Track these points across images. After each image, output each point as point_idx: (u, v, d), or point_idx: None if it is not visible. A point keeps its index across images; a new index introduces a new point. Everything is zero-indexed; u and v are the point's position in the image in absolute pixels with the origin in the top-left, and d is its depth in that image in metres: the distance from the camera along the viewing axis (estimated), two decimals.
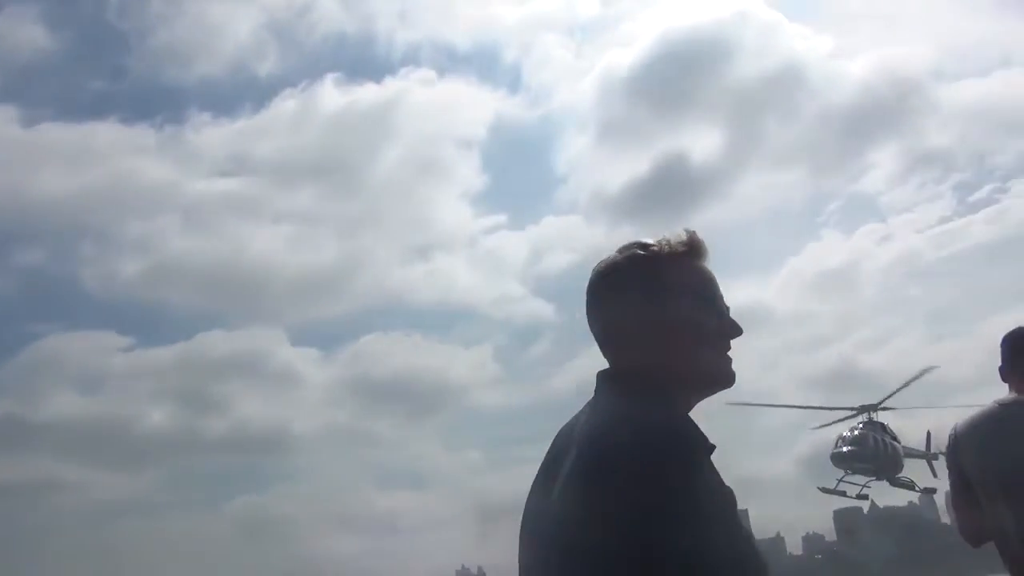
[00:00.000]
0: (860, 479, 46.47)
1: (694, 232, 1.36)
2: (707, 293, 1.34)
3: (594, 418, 1.26)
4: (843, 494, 52.72)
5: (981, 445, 2.56)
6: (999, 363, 2.68)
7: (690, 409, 1.31)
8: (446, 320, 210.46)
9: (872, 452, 44.64)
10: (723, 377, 1.34)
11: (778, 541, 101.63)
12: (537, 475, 1.32)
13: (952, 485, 2.65)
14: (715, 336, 1.33)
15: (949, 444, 2.64)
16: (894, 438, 46.88)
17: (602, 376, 1.34)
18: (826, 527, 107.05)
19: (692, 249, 1.35)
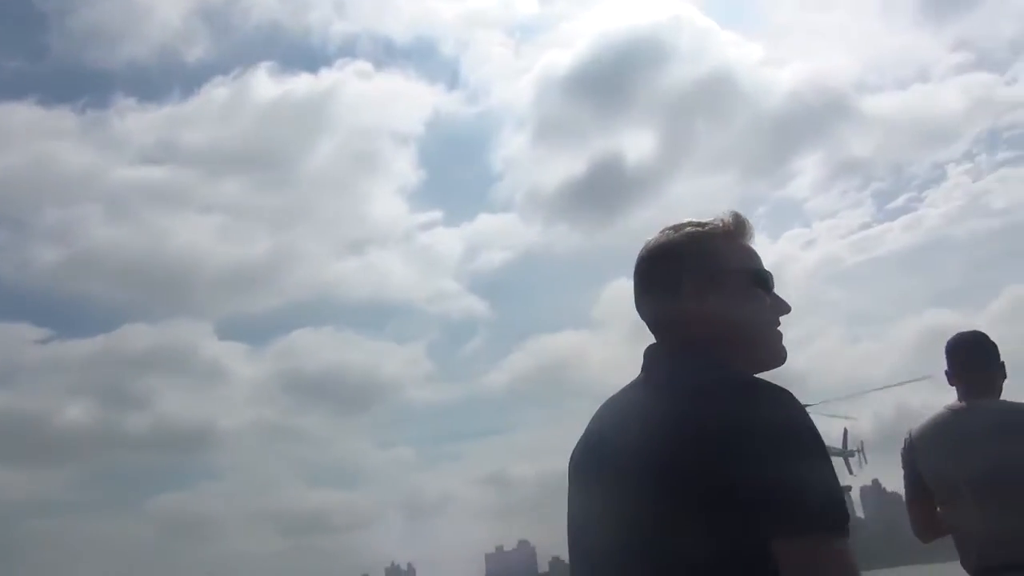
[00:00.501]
0: None
1: (739, 212, 1.36)
2: (760, 270, 1.35)
3: (681, 383, 1.23)
4: None
5: (936, 450, 2.71)
6: (944, 368, 2.82)
7: None
8: (379, 316, 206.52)
9: None
10: (778, 353, 1.34)
11: None
12: (582, 455, 1.33)
13: (907, 486, 2.83)
14: (770, 312, 1.34)
15: (904, 448, 2.81)
16: None
17: (659, 351, 1.33)
18: None
19: (741, 228, 1.36)
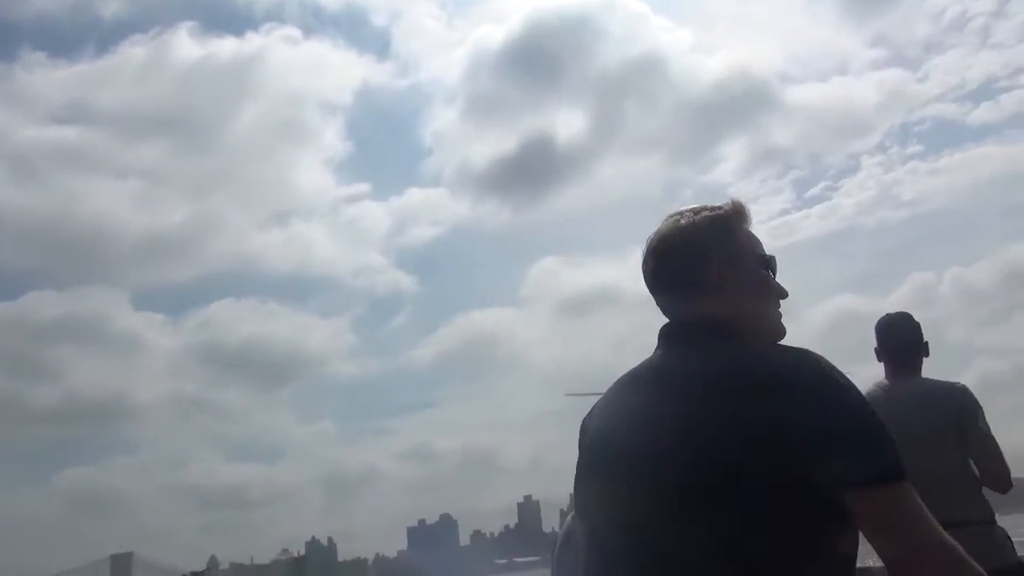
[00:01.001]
0: None
1: (739, 200, 1.47)
2: (767, 254, 1.46)
3: (714, 355, 1.32)
4: None
5: None
6: (875, 346, 3.07)
7: None
8: (303, 289, 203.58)
9: None
10: (782, 330, 1.44)
11: None
12: (630, 434, 1.34)
13: None
14: (776, 293, 1.45)
15: None
16: None
17: (677, 328, 1.41)
18: None
19: (747, 214, 1.46)
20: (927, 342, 3.05)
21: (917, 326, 3.06)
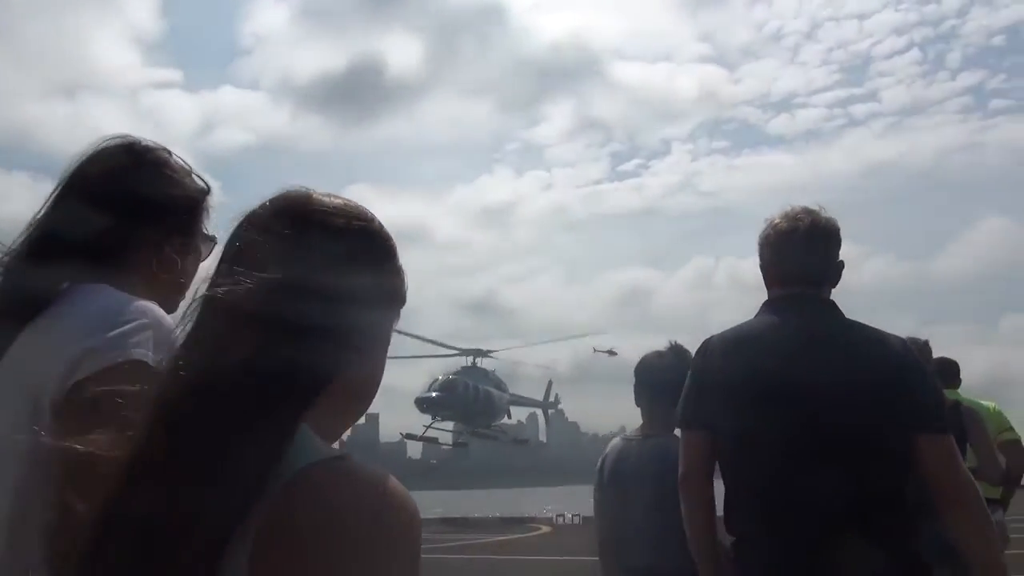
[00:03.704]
0: (449, 426, 46.23)
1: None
2: None
3: (870, 329, 2.06)
4: (434, 441, 51.69)
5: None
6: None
7: None
8: None
9: (461, 400, 44.82)
10: None
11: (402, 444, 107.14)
12: (774, 377, 1.96)
13: None
14: None
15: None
16: (497, 386, 48.18)
17: (820, 302, 2.10)
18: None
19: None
20: None
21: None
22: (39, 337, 1.12)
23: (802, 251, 2.09)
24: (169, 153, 1.35)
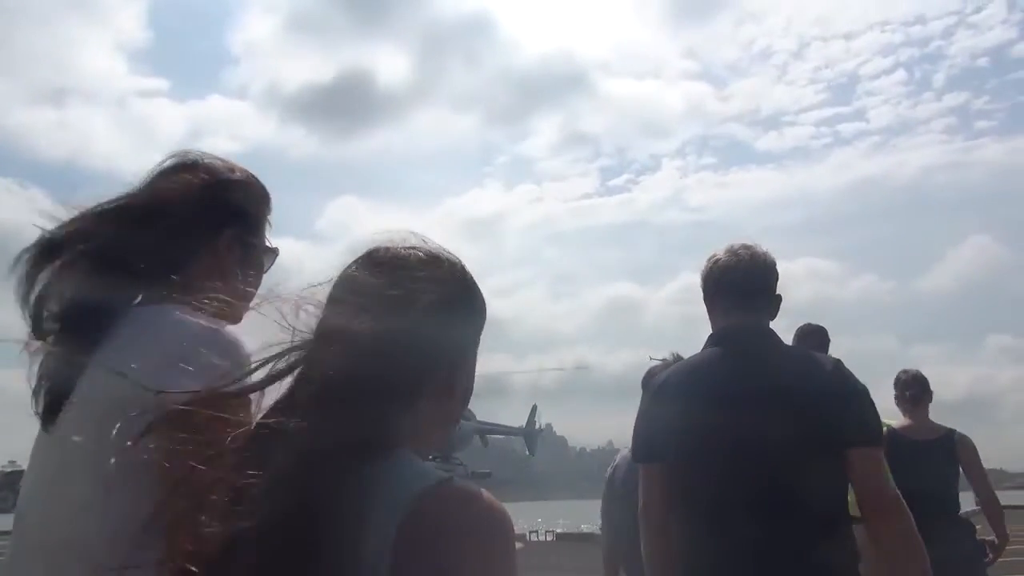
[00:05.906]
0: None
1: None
2: None
3: (813, 354, 2.30)
4: None
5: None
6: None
7: None
8: (73, 181, 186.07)
9: None
10: None
11: None
12: (732, 387, 2.10)
13: None
14: None
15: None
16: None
17: (761, 329, 2.23)
18: None
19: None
20: None
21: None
22: (117, 363, 1.08)
23: (742, 284, 2.22)
24: (232, 169, 1.36)
